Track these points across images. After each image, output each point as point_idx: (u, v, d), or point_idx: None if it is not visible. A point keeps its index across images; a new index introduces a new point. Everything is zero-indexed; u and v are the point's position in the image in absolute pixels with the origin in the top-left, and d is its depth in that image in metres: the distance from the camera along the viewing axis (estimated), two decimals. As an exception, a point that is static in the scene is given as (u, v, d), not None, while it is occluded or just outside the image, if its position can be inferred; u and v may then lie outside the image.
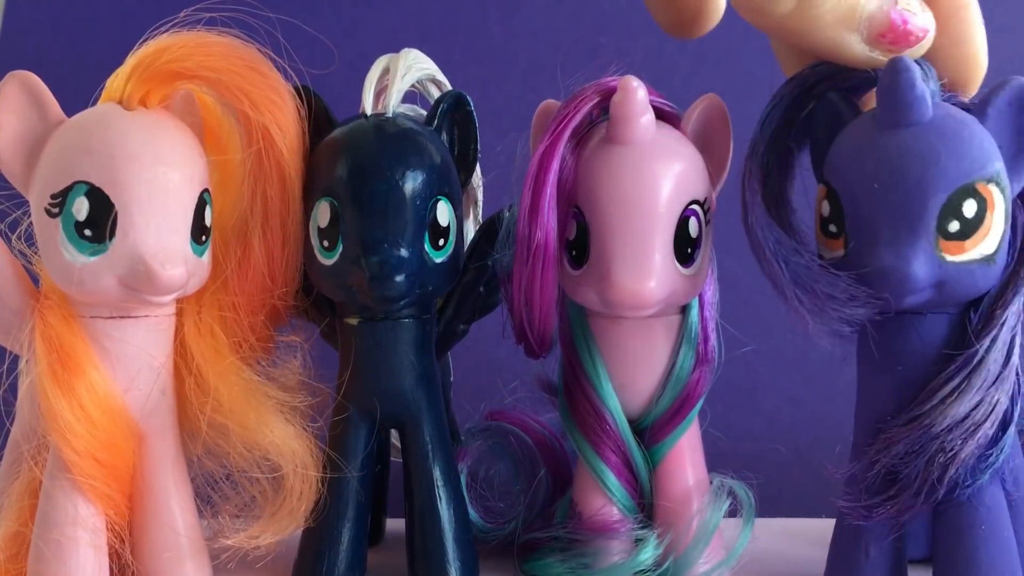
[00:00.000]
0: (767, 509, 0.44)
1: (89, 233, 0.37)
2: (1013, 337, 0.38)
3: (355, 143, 0.41)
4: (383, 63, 0.43)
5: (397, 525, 0.46)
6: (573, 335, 0.43)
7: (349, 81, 0.44)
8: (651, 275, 0.39)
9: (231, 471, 0.41)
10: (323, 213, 0.41)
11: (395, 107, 0.42)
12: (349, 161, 0.40)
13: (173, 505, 0.41)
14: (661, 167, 0.40)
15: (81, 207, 0.37)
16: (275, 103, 0.40)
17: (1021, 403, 0.38)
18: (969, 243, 0.37)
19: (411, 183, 0.40)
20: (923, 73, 0.38)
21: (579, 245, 0.41)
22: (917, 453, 0.37)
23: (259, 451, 0.40)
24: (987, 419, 0.37)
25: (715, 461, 0.44)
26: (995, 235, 0.37)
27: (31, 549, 0.39)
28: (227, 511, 0.42)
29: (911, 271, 0.36)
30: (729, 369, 0.44)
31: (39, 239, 0.39)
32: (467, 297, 0.46)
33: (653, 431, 0.43)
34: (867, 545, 0.40)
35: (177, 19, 0.40)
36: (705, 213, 0.41)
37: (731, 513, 0.42)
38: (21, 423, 0.41)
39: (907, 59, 0.36)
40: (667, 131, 0.41)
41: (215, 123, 0.42)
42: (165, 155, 0.38)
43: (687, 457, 0.43)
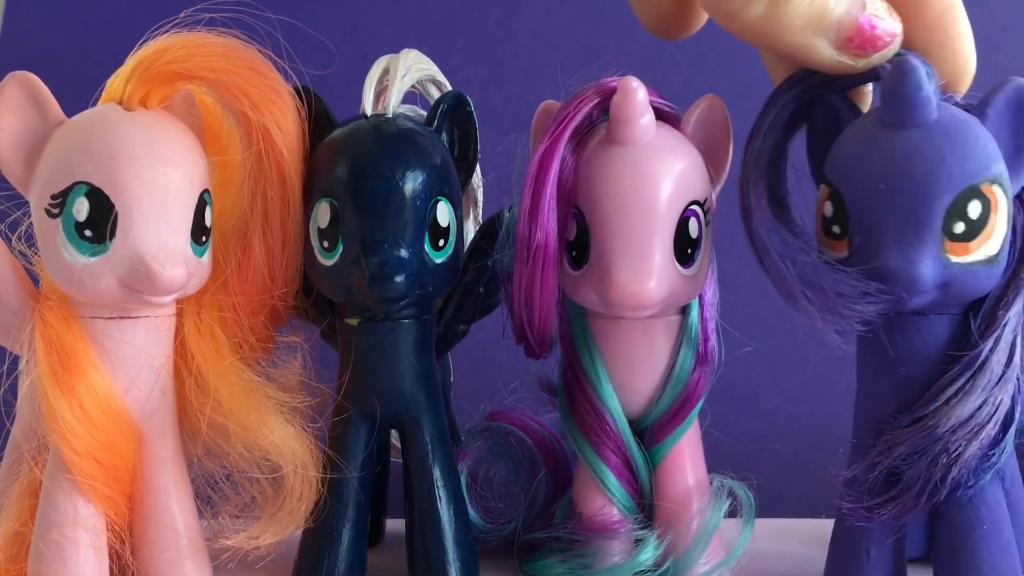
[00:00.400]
0: (767, 509, 0.44)
1: (89, 234, 0.37)
2: (1015, 338, 0.38)
3: (355, 144, 0.41)
4: (383, 64, 0.43)
5: (397, 525, 0.46)
6: (573, 335, 0.43)
7: (349, 82, 0.44)
8: (651, 275, 0.39)
9: (231, 471, 0.41)
10: (323, 214, 0.41)
11: (395, 108, 0.42)
12: (349, 162, 0.40)
13: (173, 505, 0.41)
14: (661, 168, 0.40)
15: (81, 208, 0.37)
16: (275, 104, 0.40)
17: (1022, 403, 0.38)
18: (974, 244, 0.37)
19: (411, 184, 0.40)
20: (927, 72, 0.38)
21: (579, 246, 0.41)
22: (920, 454, 0.37)
23: (259, 451, 0.40)
24: (991, 419, 0.37)
25: (715, 461, 0.44)
26: (999, 236, 0.37)
27: (31, 549, 0.39)
28: (227, 511, 0.42)
29: (918, 272, 0.36)
30: (729, 369, 0.44)
31: (39, 240, 0.39)
32: (467, 297, 0.46)
33: (653, 431, 0.43)
34: (868, 546, 0.40)
35: (177, 20, 0.40)
36: (705, 214, 0.41)
37: (731, 513, 0.42)
38: (21, 423, 0.41)
39: (913, 59, 0.36)
40: (667, 132, 0.41)
41: (215, 124, 0.42)
42: (165, 156, 0.38)
43: (687, 457, 0.43)
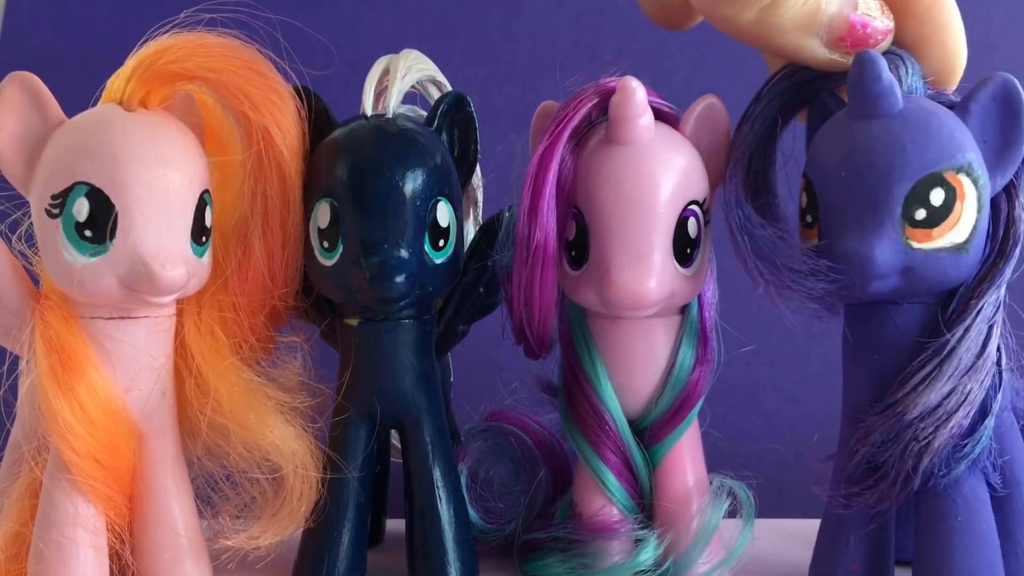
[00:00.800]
0: (767, 509, 0.44)
1: (89, 234, 0.37)
2: (991, 328, 0.38)
3: (355, 144, 0.41)
4: (383, 64, 0.43)
5: (397, 525, 0.46)
6: (573, 335, 0.43)
7: (349, 82, 0.44)
8: (650, 275, 0.39)
9: (231, 472, 0.41)
10: (323, 214, 0.41)
11: (395, 108, 0.42)
12: (349, 162, 0.40)
13: (173, 506, 0.41)
14: (660, 167, 0.40)
15: (81, 208, 0.37)
16: (275, 104, 0.40)
17: (1004, 396, 0.39)
18: (937, 231, 0.37)
19: (411, 184, 0.40)
20: (905, 69, 0.39)
21: (578, 245, 0.41)
22: (893, 441, 0.38)
23: (259, 452, 0.40)
24: (959, 408, 0.37)
25: (715, 461, 0.44)
26: (966, 224, 0.37)
27: (31, 549, 0.39)
28: (227, 512, 0.42)
29: (873, 255, 0.37)
30: (729, 369, 0.44)
31: (39, 240, 0.39)
32: (467, 298, 0.46)
33: (653, 431, 0.43)
34: (848, 534, 0.40)
35: (177, 20, 0.40)
36: (704, 213, 0.41)
37: (731, 513, 0.42)
38: (21, 424, 0.41)
39: (872, 52, 0.37)
40: (666, 132, 0.41)
41: (215, 124, 0.42)
42: (165, 156, 0.38)
43: (687, 457, 0.43)
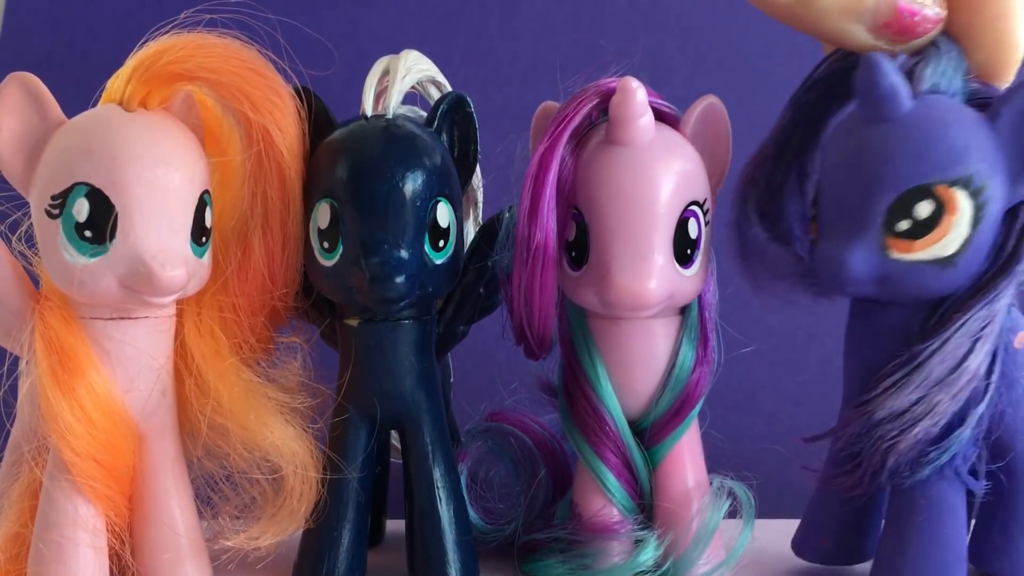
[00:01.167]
0: (767, 510, 0.44)
1: (89, 234, 0.37)
2: (975, 343, 0.37)
3: (355, 144, 0.41)
4: (383, 64, 0.43)
5: (397, 526, 0.46)
6: (573, 336, 0.43)
7: (349, 82, 0.44)
8: (651, 276, 0.39)
9: (231, 472, 0.41)
10: (323, 214, 0.41)
11: (395, 108, 0.42)
12: (349, 162, 0.40)
13: (173, 506, 0.41)
14: (660, 168, 0.40)
15: (81, 208, 0.37)
16: (275, 104, 0.40)
17: (994, 410, 0.38)
18: (919, 244, 0.37)
19: (411, 184, 0.40)
20: (936, 66, 0.37)
21: (579, 246, 0.41)
22: (864, 436, 0.38)
23: (259, 452, 0.40)
24: (925, 417, 0.37)
25: (715, 462, 0.44)
26: (954, 239, 0.36)
27: (31, 550, 0.39)
28: (227, 512, 0.42)
29: (845, 262, 0.37)
30: (729, 370, 0.44)
31: (39, 240, 0.39)
32: (467, 298, 0.46)
33: (653, 432, 0.43)
34: (826, 510, 0.43)
35: (177, 20, 0.40)
36: (704, 214, 0.41)
37: (731, 514, 0.42)
38: (21, 424, 0.41)
39: (876, 56, 0.36)
40: (666, 132, 0.41)
41: (215, 124, 0.42)
42: (165, 156, 0.38)
43: (687, 458, 0.43)
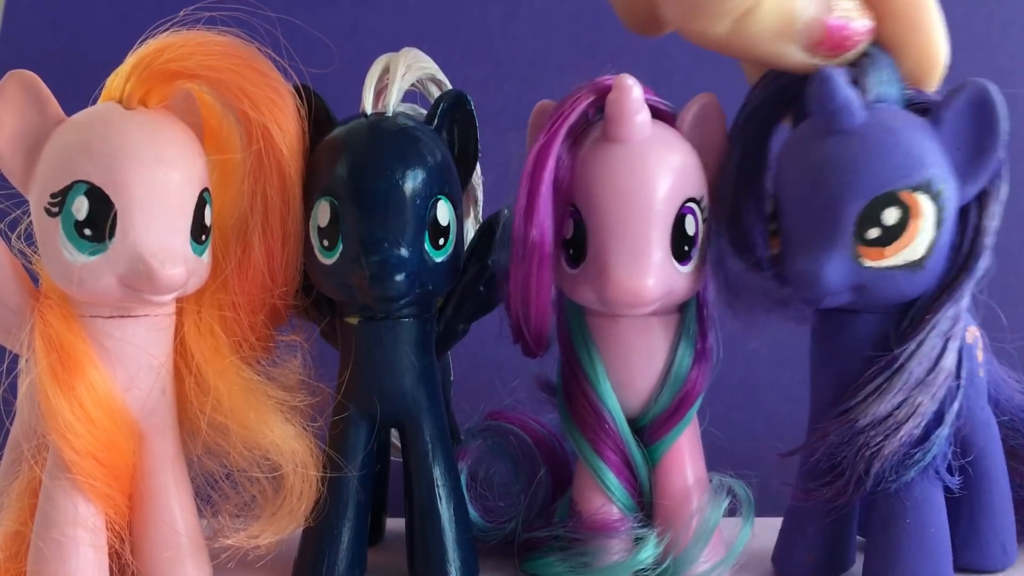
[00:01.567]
0: (767, 508, 0.44)
1: (89, 232, 0.37)
2: (946, 342, 0.38)
3: (355, 142, 0.41)
4: (383, 62, 0.43)
5: (397, 524, 0.46)
6: (571, 334, 0.43)
7: (349, 80, 0.44)
8: (648, 272, 0.39)
9: (231, 470, 0.41)
10: (323, 212, 0.41)
11: (395, 106, 0.42)
12: (349, 160, 0.40)
13: (173, 504, 0.41)
14: (657, 164, 0.40)
15: (81, 206, 0.37)
16: (275, 102, 0.40)
17: (962, 404, 0.39)
18: (890, 250, 0.37)
19: (411, 182, 0.40)
20: (875, 75, 0.38)
21: (576, 243, 0.41)
22: (847, 445, 0.39)
23: (259, 450, 0.40)
24: (909, 419, 0.38)
25: (715, 460, 0.44)
26: (921, 242, 0.37)
27: (31, 548, 0.39)
28: (227, 511, 0.42)
29: (822, 274, 0.37)
30: (728, 368, 0.44)
31: (39, 238, 0.39)
32: (467, 296, 0.46)
33: (652, 429, 0.43)
34: (807, 524, 0.42)
35: (177, 18, 0.40)
36: (702, 211, 0.41)
37: (730, 512, 0.42)
38: (21, 422, 0.41)
39: (828, 69, 0.37)
40: (663, 129, 0.41)
41: (215, 122, 0.42)
42: (165, 154, 0.38)
43: (686, 455, 0.43)
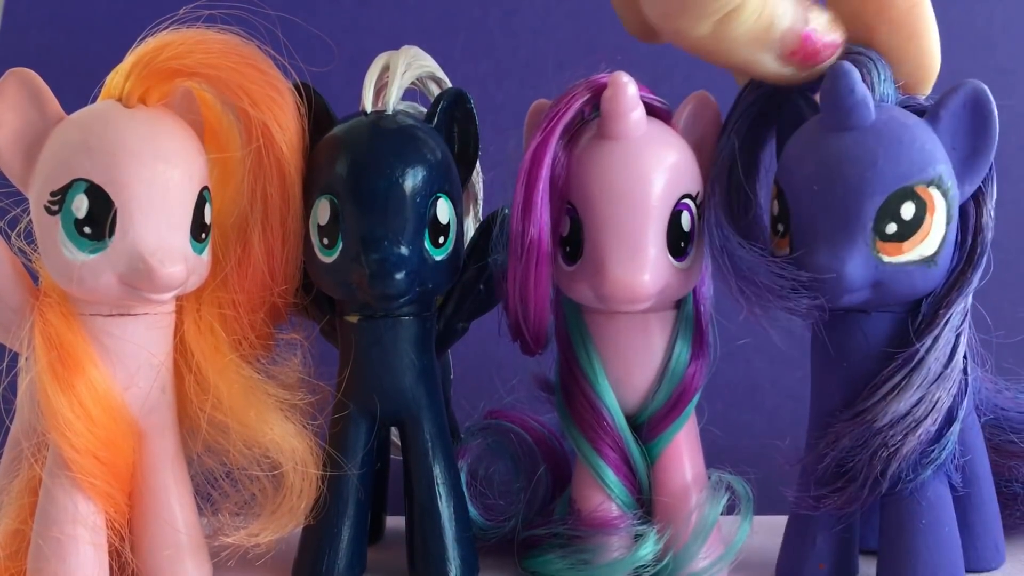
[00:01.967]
0: (766, 506, 0.44)
1: (88, 231, 0.37)
2: (958, 336, 0.38)
3: (355, 141, 0.41)
4: (383, 60, 0.43)
5: (397, 523, 0.46)
6: (569, 332, 0.43)
7: (349, 78, 0.44)
8: (645, 268, 0.39)
9: (231, 469, 0.41)
10: (323, 211, 0.41)
11: (395, 104, 0.42)
12: (349, 158, 0.40)
13: (173, 503, 0.41)
14: (652, 161, 0.40)
15: (81, 204, 0.37)
16: (275, 100, 0.40)
17: (969, 400, 0.39)
18: (907, 244, 0.37)
19: (411, 181, 0.40)
20: (877, 75, 0.39)
21: (573, 241, 0.41)
22: (862, 447, 0.38)
23: (259, 449, 0.40)
24: (928, 416, 0.38)
25: (714, 458, 0.44)
26: (935, 237, 0.38)
27: (31, 547, 0.39)
28: (227, 509, 0.42)
29: (845, 271, 0.37)
30: (727, 365, 0.44)
31: (38, 237, 0.39)
32: (467, 295, 0.46)
33: (650, 426, 0.43)
34: (815, 534, 0.41)
35: (177, 16, 0.40)
36: (697, 207, 0.41)
37: (729, 509, 0.42)
38: (21, 421, 0.41)
39: (847, 64, 0.37)
40: (658, 126, 0.41)
41: (215, 120, 0.42)
42: (165, 152, 0.38)
43: (685, 452, 0.43)
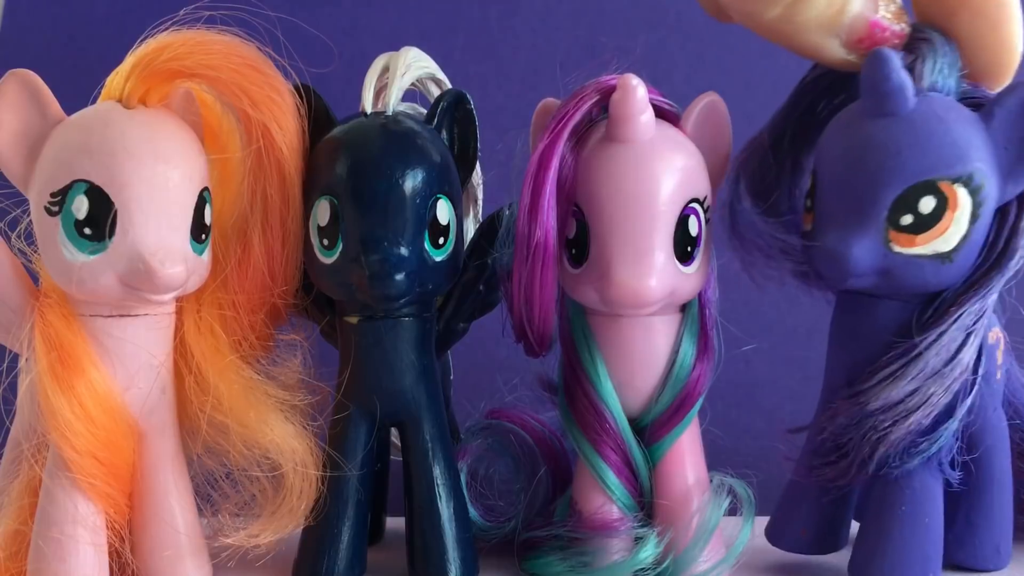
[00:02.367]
0: (767, 508, 0.44)
1: (89, 231, 0.37)
2: (968, 336, 0.38)
3: (355, 142, 0.41)
4: (383, 61, 0.43)
5: (397, 523, 0.46)
6: (573, 333, 0.43)
7: (349, 79, 0.44)
8: (651, 273, 0.39)
9: (231, 469, 0.41)
10: (323, 211, 0.41)
11: (395, 105, 0.42)
12: (349, 159, 0.40)
13: (173, 503, 0.41)
14: (661, 165, 0.40)
15: (81, 205, 0.37)
16: (275, 101, 0.40)
17: (981, 400, 0.39)
18: (921, 238, 0.37)
19: (411, 182, 0.40)
20: (933, 63, 0.38)
21: (579, 243, 0.41)
22: (855, 427, 0.39)
23: (259, 449, 0.40)
24: (919, 408, 0.38)
25: (716, 459, 0.44)
26: (954, 235, 0.37)
27: (31, 547, 0.39)
28: (227, 510, 0.42)
29: (850, 254, 0.37)
30: (730, 367, 0.44)
31: (39, 237, 0.39)
32: (467, 295, 0.46)
33: (653, 429, 0.43)
34: (804, 501, 0.42)
35: (177, 17, 0.40)
36: (705, 212, 0.41)
37: (731, 511, 0.42)
38: (21, 421, 0.41)
39: (886, 50, 0.37)
40: (667, 129, 0.41)
41: (215, 121, 0.42)
42: (165, 153, 0.38)
43: (687, 455, 0.43)
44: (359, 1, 0.65)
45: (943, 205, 0.37)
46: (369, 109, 0.42)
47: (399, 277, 0.39)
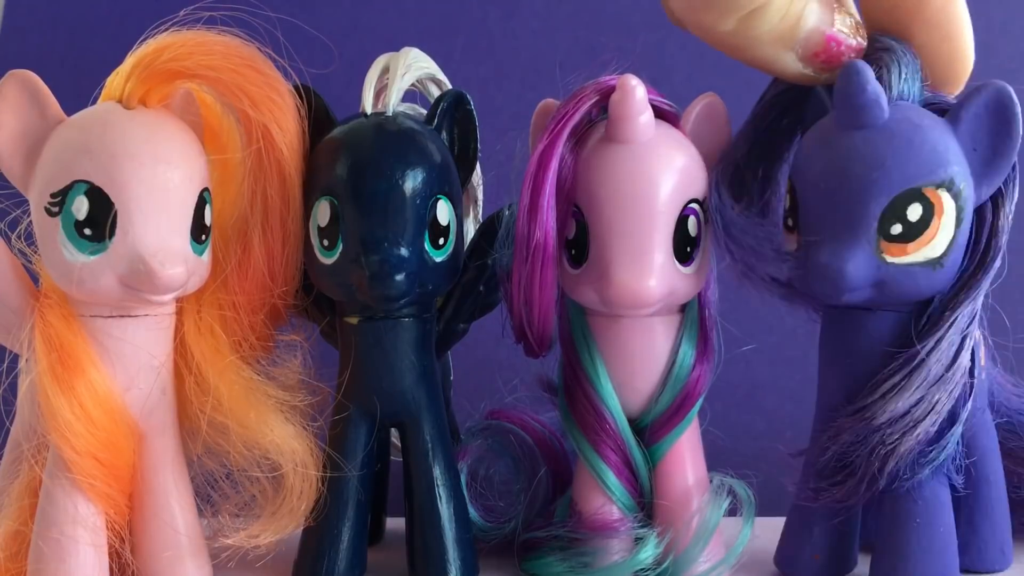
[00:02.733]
0: (767, 508, 0.44)
1: (89, 232, 0.37)
2: (963, 339, 0.38)
3: (355, 142, 0.41)
4: (383, 62, 0.43)
5: (397, 524, 0.46)
6: (573, 334, 0.43)
7: (349, 80, 0.44)
8: (650, 274, 0.39)
9: (231, 470, 0.41)
10: (323, 212, 0.41)
11: (395, 106, 0.42)
12: (349, 160, 0.40)
13: (173, 504, 0.41)
14: (660, 166, 0.40)
15: (81, 206, 0.37)
16: (275, 102, 0.40)
17: (975, 402, 0.39)
18: (912, 246, 0.37)
19: (411, 182, 0.40)
20: (898, 72, 0.38)
21: (578, 244, 0.41)
22: (861, 443, 0.39)
23: (259, 450, 0.40)
24: (927, 417, 0.38)
25: (715, 460, 0.44)
26: (942, 240, 0.38)
27: (31, 548, 0.39)
28: (227, 510, 0.42)
29: (846, 269, 0.37)
30: (729, 368, 0.44)
31: (39, 238, 0.39)
32: (467, 296, 0.46)
33: (653, 430, 0.43)
34: (813, 524, 0.42)
35: (177, 18, 0.40)
36: (704, 212, 0.41)
37: (731, 512, 0.42)
38: (21, 422, 0.41)
39: (860, 63, 0.37)
40: (666, 130, 0.41)
41: (215, 122, 0.42)
42: (165, 154, 0.38)
43: (687, 456, 0.43)
44: (359, 1, 0.65)
45: (930, 211, 0.37)
46: (369, 110, 0.42)
47: (399, 278, 0.39)
